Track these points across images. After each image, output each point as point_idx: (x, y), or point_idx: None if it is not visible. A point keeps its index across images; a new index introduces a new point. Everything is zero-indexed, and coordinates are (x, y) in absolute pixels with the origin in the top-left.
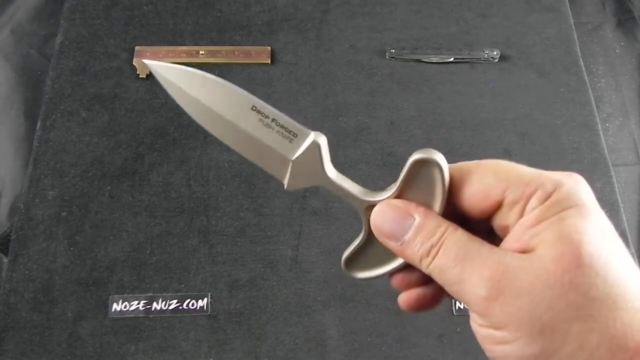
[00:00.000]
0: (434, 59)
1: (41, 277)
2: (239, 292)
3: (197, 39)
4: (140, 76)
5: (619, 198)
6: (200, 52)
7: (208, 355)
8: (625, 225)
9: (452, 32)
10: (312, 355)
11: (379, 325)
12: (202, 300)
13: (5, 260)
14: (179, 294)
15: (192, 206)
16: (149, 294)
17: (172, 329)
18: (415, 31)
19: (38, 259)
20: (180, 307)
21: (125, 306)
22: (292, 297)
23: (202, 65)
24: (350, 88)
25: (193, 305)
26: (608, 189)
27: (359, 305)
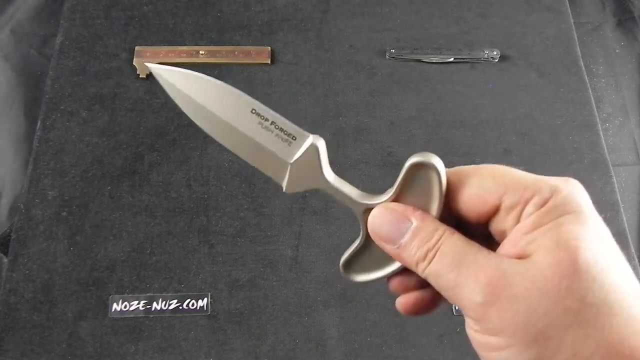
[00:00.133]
0: (434, 59)
1: (41, 277)
2: (239, 292)
3: (197, 39)
4: (140, 76)
5: (619, 198)
6: (200, 52)
7: (208, 355)
8: (625, 225)
9: (452, 32)
10: (312, 355)
11: (379, 325)
12: (202, 300)
13: (5, 260)
14: (179, 294)
15: (192, 206)
16: (149, 294)
17: (172, 329)
18: (415, 31)
19: (38, 259)
20: (180, 307)
21: (125, 306)
22: (292, 297)
23: (202, 65)
24: (350, 88)
25: (193, 305)
26: (608, 189)
27: (359, 305)
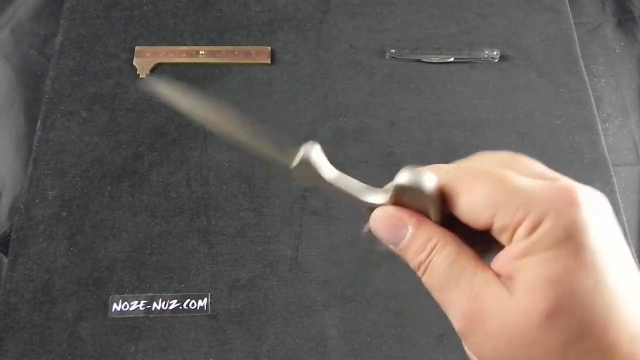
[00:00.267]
0: (434, 59)
1: (41, 277)
2: (239, 292)
3: (197, 39)
4: (140, 76)
5: (619, 198)
6: (200, 52)
7: (208, 355)
8: (626, 225)
9: (452, 32)
10: (312, 355)
11: (379, 325)
12: (202, 300)
13: (5, 260)
14: (179, 294)
15: (192, 206)
16: (149, 294)
17: (172, 329)
18: (415, 31)
19: (38, 259)
20: (180, 307)
21: (125, 306)
22: (292, 297)
23: (202, 65)
24: (350, 88)
25: (193, 305)
26: (608, 189)
27: (359, 305)
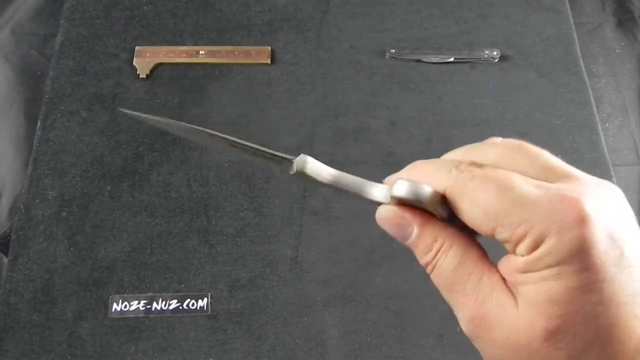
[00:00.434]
0: (434, 59)
1: (41, 277)
2: (239, 292)
3: (197, 39)
4: (140, 76)
5: None
6: (200, 52)
7: (208, 355)
8: None
9: (452, 32)
10: (312, 355)
11: (379, 325)
12: (202, 300)
13: (5, 260)
14: (179, 294)
15: (192, 206)
16: (149, 294)
17: (172, 329)
18: (415, 31)
19: (38, 259)
20: (180, 307)
21: (125, 306)
22: (292, 297)
23: (202, 65)
24: (350, 88)
25: (193, 305)
26: None
27: (359, 305)
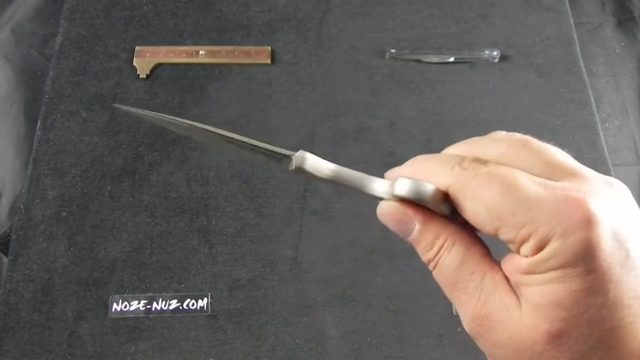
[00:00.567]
0: (434, 59)
1: (41, 277)
2: (239, 292)
3: (197, 39)
4: (140, 76)
5: None
6: (200, 52)
7: (208, 355)
8: None
9: (452, 32)
10: (312, 355)
11: (379, 325)
12: (202, 300)
13: (5, 260)
14: (179, 294)
15: (192, 206)
16: (149, 294)
17: (172, 329)
18: (415, 31)
19: (38, 259)
20: (180, 307)
21: (125, 306)
22: (292, 297)
23: (202, 65)
24: (350, 88)
25: (193, 305)
26: None
27: (359, 305)
